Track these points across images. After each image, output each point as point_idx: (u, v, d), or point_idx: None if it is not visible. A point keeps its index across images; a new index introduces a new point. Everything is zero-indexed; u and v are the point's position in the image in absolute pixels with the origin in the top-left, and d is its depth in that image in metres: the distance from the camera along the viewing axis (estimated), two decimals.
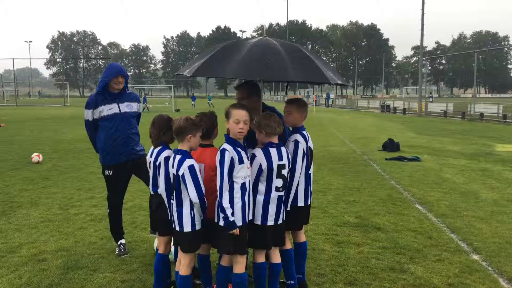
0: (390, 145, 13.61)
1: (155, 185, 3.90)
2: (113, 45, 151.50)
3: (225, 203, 3.39)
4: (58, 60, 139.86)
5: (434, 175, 9.81)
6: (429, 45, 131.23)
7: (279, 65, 3.50)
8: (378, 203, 7.29)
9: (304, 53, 3.78)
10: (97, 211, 6.68)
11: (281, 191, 3.68)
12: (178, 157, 3.52)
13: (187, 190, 3.45)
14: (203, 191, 3.48)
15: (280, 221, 3.72)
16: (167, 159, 3.72)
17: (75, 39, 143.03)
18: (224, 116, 3.56)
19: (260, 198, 3.63)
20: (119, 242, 5.10)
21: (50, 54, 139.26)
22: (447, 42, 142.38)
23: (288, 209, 3.87)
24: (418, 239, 5.54)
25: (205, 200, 3.50)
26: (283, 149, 3.69)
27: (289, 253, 3.99)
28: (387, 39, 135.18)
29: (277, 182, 3.64)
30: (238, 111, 3.52)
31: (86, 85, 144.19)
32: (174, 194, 3.58)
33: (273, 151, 3.63)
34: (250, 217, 3.56)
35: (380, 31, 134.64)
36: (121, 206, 5.18)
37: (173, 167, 3.55)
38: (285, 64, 3.51)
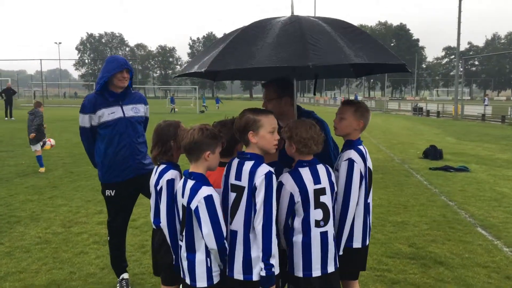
0: (433, 153, 12.26)
1: (158, 216, 2.88)
2: (140, 46, 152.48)
3: (274, 248, 2.42)
4: (86, 61, 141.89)
5: (489, 189, 8.53)
6: (462, 45, 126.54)
7: (330, 45, 2.40)
8: (432, 226, 6.12)
9: (358, 28, 2.70)
10: (103, 230, 5.75)
11: (323, 225, 2.62)
12: (190, 183, 2.51)
13: (201, 230, 2.45)
14: (224, 233, 2.47)
15: (331, 269, 2.67)
16: (170, 182, 2.73)
17: (103, 40, 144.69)
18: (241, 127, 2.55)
19: (298, 239, 2.61)
20: (121, 277, 4.14)
21: (79, 55, 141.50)
22: (479, 42, 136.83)
23: (341, 252, 2.82)
24: (493, 280, 4.39)
25: (226, 245, 2.48)
26: (319, 167, 2.64)
27: None
28: (417, 40, 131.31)
29: (316, 215, 2.59)
30: (270, 118, 2.53)
31: None
32: (183, 233, 2.58)
33: (305, 172, 2.59)
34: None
35: (410, 31, 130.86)
36: (125, 233, 4.22)
37: (183, 197, 2.55)
38: (338, 43, 2.42)
